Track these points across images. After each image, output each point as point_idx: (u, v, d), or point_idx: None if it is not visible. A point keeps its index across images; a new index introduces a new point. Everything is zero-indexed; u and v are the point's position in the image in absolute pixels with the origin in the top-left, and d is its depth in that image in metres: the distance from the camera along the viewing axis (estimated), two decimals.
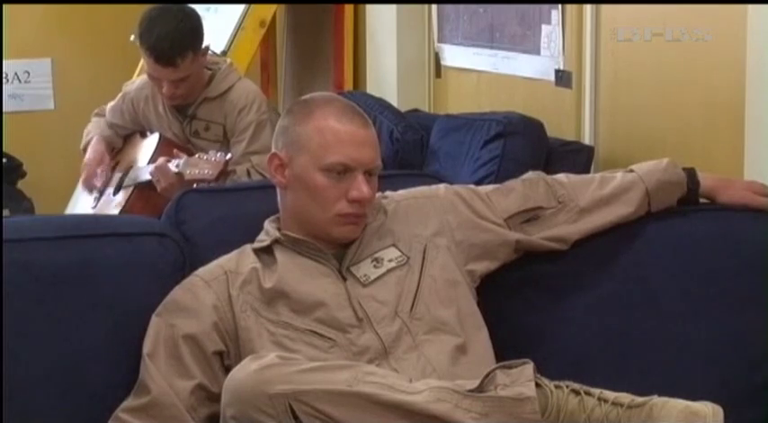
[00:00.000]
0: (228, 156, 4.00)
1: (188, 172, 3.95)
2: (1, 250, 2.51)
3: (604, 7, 4.13)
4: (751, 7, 3.44)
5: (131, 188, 4.37)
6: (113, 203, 4.43)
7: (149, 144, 4.40)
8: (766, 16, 3.40)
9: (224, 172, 3.94)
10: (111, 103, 4.58)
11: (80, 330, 2.57)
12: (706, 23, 3.75)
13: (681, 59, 3.86)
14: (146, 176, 4.22)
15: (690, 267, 2.81)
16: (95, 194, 4.51)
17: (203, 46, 4.24)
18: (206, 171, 3.92)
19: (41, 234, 2.70)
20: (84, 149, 4.57)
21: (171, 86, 4.19)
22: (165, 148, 4.29)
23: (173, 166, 4.03)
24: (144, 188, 4.27)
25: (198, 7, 5.18)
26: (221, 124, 4.27)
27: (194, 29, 4.23)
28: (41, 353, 2.54)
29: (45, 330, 2.56)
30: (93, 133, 4.57)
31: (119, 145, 4.59)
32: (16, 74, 6.59)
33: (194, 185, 3.86)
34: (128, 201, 4.35)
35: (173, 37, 4.10)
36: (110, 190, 4.50)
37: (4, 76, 6.57)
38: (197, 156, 4.03)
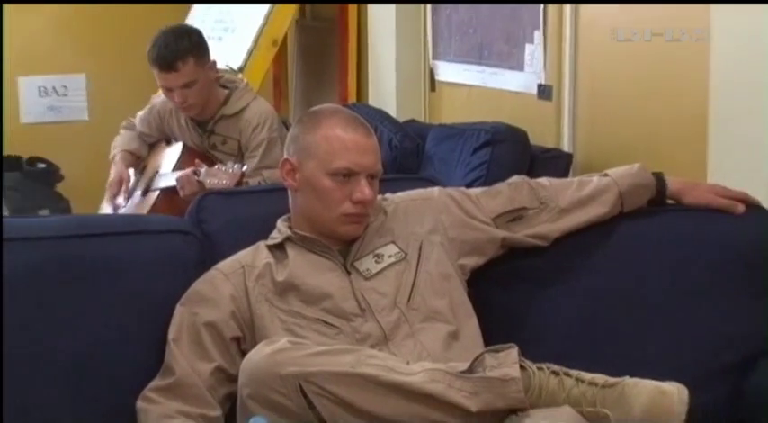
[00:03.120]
0: (244, 167, 4.02)
1: (208, 181, 3.95)
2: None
3: (582, 28, 4.14)
4: (713, 29, 3.43)
5: (158, 192, 4.37)
6: (142, 204, 4.43)
7: (173, 152, 4.41)
8: (727, 40, 3.39)
9: (240, 182, 3.95)
10: (139, 114, 4.58)
11: (112, 318, 2.57)
12: (672, 46, 3.75)
13: (651, 76, 3.87)
14: (171, 182, 4.22)
15: (658, 262, 2.80)
16: (121, 206, 4.51)
17: (209, 58, 4.24)
18: (224, 181, 3.93)
19: (77, 231, 2.70)
20: (113, 159, 4.57)
21: (181, 94, 4.18)
22: (187, 157, 4.30)
23: (195, 176, 4.04)
24: (168, 192, 4.27)
25: (216, 28, 5.20)
26: (237, 140, 4.28)
27: (192, 38, 4.24)
28: (77, 338, 2.53)
29: (80, 318, 2.55)
30: (119, 147, 4.56)
31: (145, 152, 4.58)
32: (54, 88, 6.59)
33: None
34: (155, 203, 4.35)
35: (172, 45, 4.13)
36: (138, 191, 4.50)
37: (44, 89, 6.57)
38: (216, 167, 4.03)
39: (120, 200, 4.49)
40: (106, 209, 4.58)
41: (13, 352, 2.46)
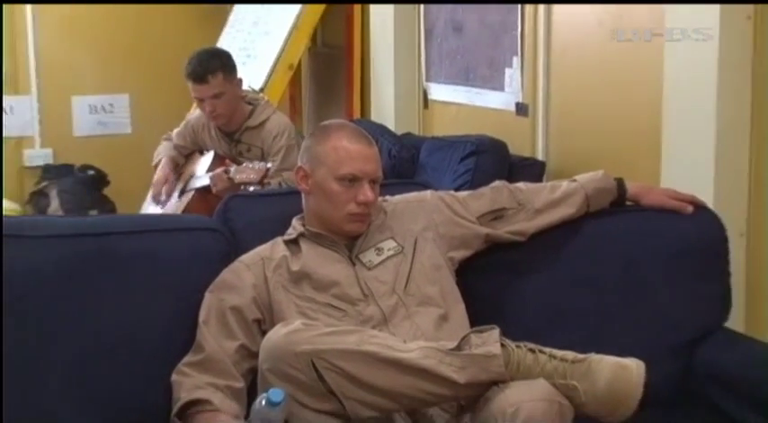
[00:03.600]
0: (269, 164, 4.06)
1: (237, 177, 4.01)
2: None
3: (554, 54, 4.14)
4: (666, 53, 3.44)
5: (192, 192, 4.38)
6: (178, 204, 4.44)
7: (206, 159, 4.42)
8: (677, 64, 3.40)
9: (265, 176, 3.99)
10: (176, 130, 4.60)
11: (151, 303, 2.58)
12: (628, 70, 3.75)
13: (613, 97, 3.87)
14: (205, 182, 4.25)
15: (618, 255, 2.80)
16: (162, 203, 4.52)
17: (236, 76, 4.28)
18: (252, 176, 3.98)
19: (122, 229, 2.71)
20: (155, 166, 4.58)
21: (210, 104, 4.23)
22: (218, 162, 4.33)
23: (226, 173, 4.08)
24: (202, 192, 4.29)
25: (240, 54, 5.20)
26: (260, 147, 4.30)
27: (222, 58, 4.31)
28: (122, 320, 2.54)
29: (124, 303, 2.56)
30: (162, 155, 4.58)
31: (182, 161, 4.59)
32: (102, 106, 6.60)
33: (242, 188, 3.93)
34: (189, 202, 4.36)
35: (204, 62, 4.21)
36: (175, 194, 4.51)
37: (93, 107, 6.57)
38: (244, 164, 4.10)
39: (163, 196, 4.50)
40: (149, 205, 4.59)
41: (70, 331, 2.48)
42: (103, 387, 2.49)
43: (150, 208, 4.58)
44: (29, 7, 6.36)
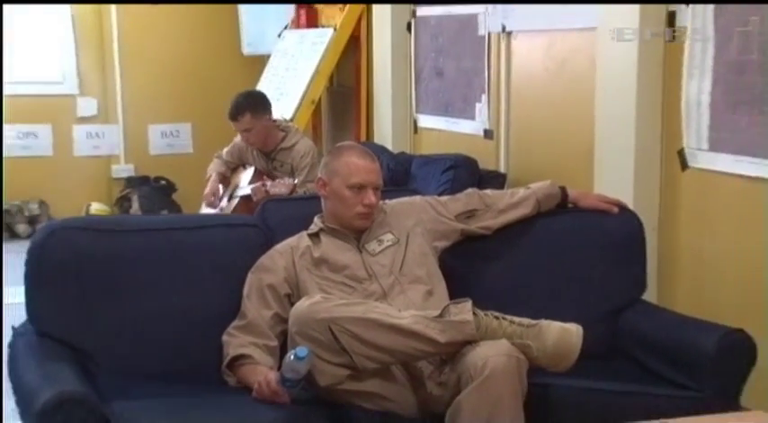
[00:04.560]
0: (296, 180, 4.05)
1: (272, 190, 4.00)
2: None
3: (513, 92, 4.13)
4: (597, 94, 3.44)
5: (237, 199, 4.37)
6: (227, 207, 4.42)
7: (248, 173, 4.41)
8: (606, 101, 3.40)
9: (293, 190, 3.99)
10: (225, 149, 4.57)
11: (206, 281, 2.56)
12: (568, 104, 3.75)
13: (556, 124, 3.88)
14: (247, 192, 4.23)
15: (563, 245, 2.78)
16: (213, 208, 4.51)
17: (264, 113, 4.23)
18: (282, 190, 3.98)
19: (186, 225, 2.73)
20: (207, 179, 4.57)
21: (243, 135, 4.25)
22: (257, 176, 4.31)
23: (264, 186, 4.08)
24: (245, 198, 4.27)
25: (275, 93, 5.19)
26: (290, 164, 4.28)
27: (252, 100, 4.26)
28: (186, 295, 2.54)
29: (185, 282, 2.55)
30: (212, 171, 4.55)
31: (229, 174, 4.57)
32: (171, 132, 6.60)
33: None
34: (236, 206, 4.35)
35: (236, 105, 4.19)
36: (225, 199, 4.49)
37: (164, 133, 6.56)
38: (277, 180, 4.09)
39: (213, 204, 4.48)
40: (204, 210, 4.57)
41: (147, 300, 2.49)
42: (171, 343, 2.49)
43: (206, 209, 4.57)
44: (117, 53, 6.34)
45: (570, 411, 2.22)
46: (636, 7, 3.19)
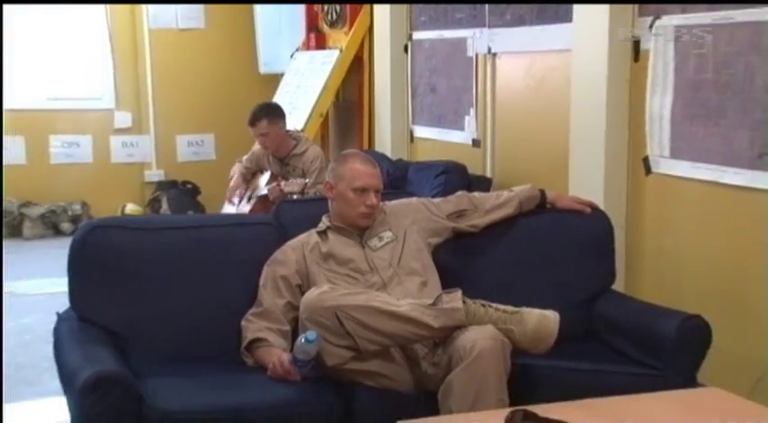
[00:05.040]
0: (307, 180, 4.03)
1: (286, 188, 3.98)
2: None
3: (497, 106, 4.12)
4: (572, 106, 3.42)
5: (255, 199, 4.36)
6: (246, 206, 4.41)
7: (265, 176, 4.39)
8: (580, 114, 3.38)
9: (304, 188, 3.97)
10: (245, 156, 4.56)
11: (226, 273, 2.55)
12: (546, 117, 3.73)
13: (536, 134, 3.87)
14: (264, 192, 4.23)
15: (542, 241, 2.76)
16: (235, 204, 4.50)
17: (279, 121, 4.22)
18: (295, 188, 3.97)
19: (209, 223, 2.73)
20: (230, 179, 4.56)
21: (260, 139, 4.23)
22: (273, 179, 4.30)
23: (279, 186, 4.06)
24: (262, 199, 4.26)
25: (288, 107, 5.16)
26: (301, 168, 4.26)
27: (268, 109, 4.26)
28: (209, 286, 2.52)
29: (208, 273, 2.53)
30: (235, 172, 4.55)
31: (249, 177, 4.56)
32: (196, 141, 6.57)
33: (288, 196, 3.90)
34: (254, 205, 4.33)
35: (254, 112, 4.18)
36: (244, 200, 4.48)
37: (190, 142, 6.54)
38: (291, 180, 4.08)
39: (235, 200, 4.47)
40: (226, 207, 4.56)
41: (176, 289, 2.48)
42: (196, 327, 2.47)
43: (227, 209, 4.56)
44: (149, 73, 6.32)
45: (548, 388, 2.20)
46: (605, 31, 3.19)
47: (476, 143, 4.29)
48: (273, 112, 4.25)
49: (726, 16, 2.79)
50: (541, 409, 1.87)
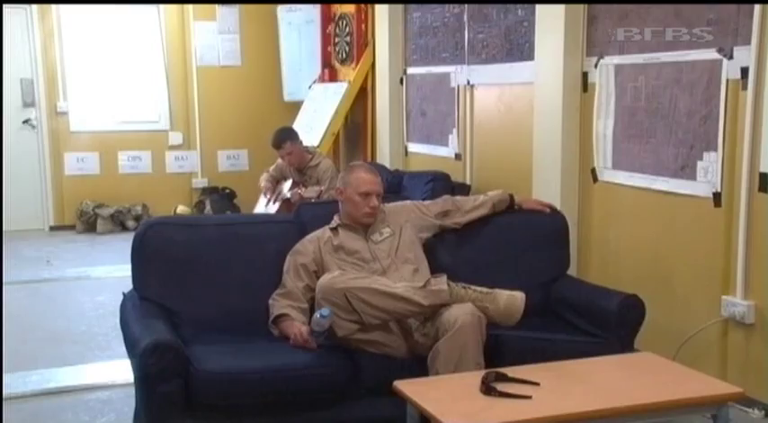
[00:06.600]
0: (322, 188, 4.04)
1: (305, 194, 4.01)
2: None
3: (476, 126, 4.10)
4: (535, 127, 3.41)
5: (280, 202, 4.34)
6: (273, 207, 4.39)
7: (287, 184, 4.39)
8: (541, 132, 3.37)
9: (320, 195, 3.97)
10: (271, 168, 4.54)
11: (256, 262, 2.52)
12: (515, 135, 3.72)
13: (505, 149, 3.84)
14: (287, 196, 4.22)
15: (511, 236, 2.73)
16: (265, 202, 4.47)
17: (298, 141, 4.22)
18: (312, 194, 4.00)
19: (243, 221, 2.74)
20: (261, 184, 4.54)
21: (286, 158, 4.23)
22: (294, 185, 4.29)
23: (299, 191, 4.06)
24: (286, 201, 4.25)
25: (305, 128, 5.15)
26: (316, 178, 4.26)
27: (288, 133, 4.26)
28: (242, 271, 2.49)
29: (243, 262, 2.51)
30: (263, 180, 4.53)
31: (275, 183, 4.54)
32: (233, 155, 6.52)
33: (307, 200, 3.90)
34: (279, 206, 4.32)
35: (277, 137, 4.20)
36: (272, 202, 4.46)
37: (228, 156, 6.50)
38: (309, 188, 4.09)
39: (268, 194, 4.42)
40: (260, 203, 4.53)
41: (217, 275, 2.45)
42: (233, 304, 2.45)
43: (259, 209, 4.54)
44: (197, 101, 6.30)
45: (516, 354, 2.19)
46: (560, 68, 3.20)
47: (458, 157, 4.28)
48: (292, 135, 4.28)
49: (654, 57, 2.86)
50: (510, 371, 1.92)
